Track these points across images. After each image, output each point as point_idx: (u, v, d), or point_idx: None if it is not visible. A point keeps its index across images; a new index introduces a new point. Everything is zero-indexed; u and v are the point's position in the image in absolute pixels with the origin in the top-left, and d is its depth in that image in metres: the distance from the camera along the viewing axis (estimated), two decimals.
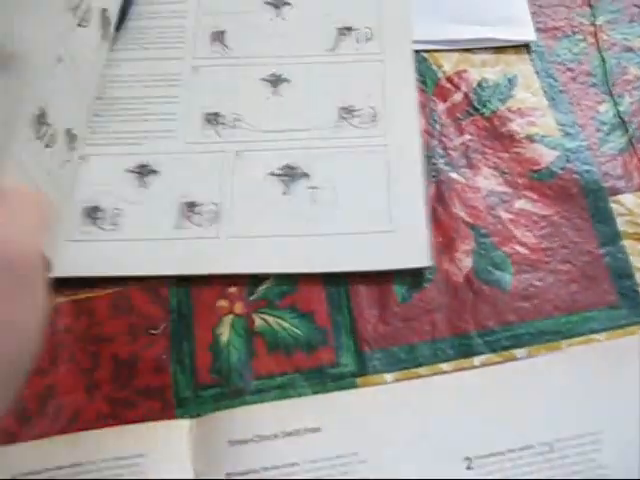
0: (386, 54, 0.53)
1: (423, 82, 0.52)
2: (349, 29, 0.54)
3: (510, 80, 0.52)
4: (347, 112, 0.51)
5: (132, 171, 0.50)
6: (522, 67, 0.52)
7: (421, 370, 0.42)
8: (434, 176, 0.48)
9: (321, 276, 0.45)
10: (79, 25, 0.46)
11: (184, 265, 0.46)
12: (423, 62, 0.53)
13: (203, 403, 0.42)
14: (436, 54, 0.53)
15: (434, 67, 0.53)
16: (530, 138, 0.49)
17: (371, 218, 0.47)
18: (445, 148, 0.49)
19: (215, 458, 0.39)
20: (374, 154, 0.49)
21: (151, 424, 0.41)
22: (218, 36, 0.55)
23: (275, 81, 0.53)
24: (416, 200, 0.47)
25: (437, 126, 0.50)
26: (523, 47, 0.53)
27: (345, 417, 0.40)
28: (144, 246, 0.47)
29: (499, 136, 0.50)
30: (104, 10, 0.50)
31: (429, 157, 0.49)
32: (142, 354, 0.43)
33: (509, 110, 0.51)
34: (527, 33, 0.53)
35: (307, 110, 0.51)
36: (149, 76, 0.54)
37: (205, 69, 0.54)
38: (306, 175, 0.49)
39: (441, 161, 0.49)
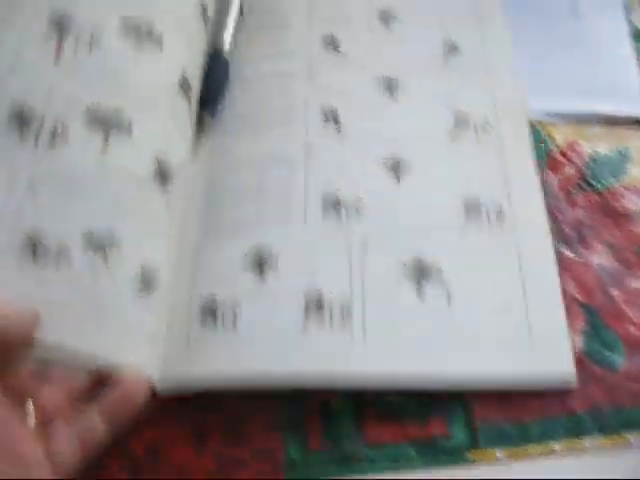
0: (505, 146, 0.51)
1: (534, 153, 0.52)
2: (466, 116, 0.52)
3: (623, 155, 0.52)
4: (473, 207, 0.48)
5: (249, 262, 0.46)
6: (635, 142, 0.52)
7: (531, 447, 0.42)
8: None
9: None
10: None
11: (314, 372, 0.42)
12: (534, 132, 0.53)
13: (313, 467, 0.42)
14: (548, 125, 0.53)
15: (546, 138, 0.53)
16: None
17: (507, 323, 0.45)
18: (557, 222, 0.49)
19: None
20: (504, 254, 0.47)
21: None
22: (331, 114, 0.53)
23: (396, 167, 0.50)
24: (554, 303, 0.45)
25: (549, 199, 0.50)
26: (635, 121, 0.53)
27: None
28: (268, 349, 0.43)
29: (612, 212, 0.49)
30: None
31: None
32: (252, 413, 0.44)
33: (623, 186, 0.50)
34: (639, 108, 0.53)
35: (433, 202, 0.49)
36: (260, 158, 0.51)
37: (320, 150, 0.51)
38: (438, 273, 0.46)
39: (553, 236, 0.48)
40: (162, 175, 0.46)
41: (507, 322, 0.45)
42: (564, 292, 0.46)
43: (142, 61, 0.47)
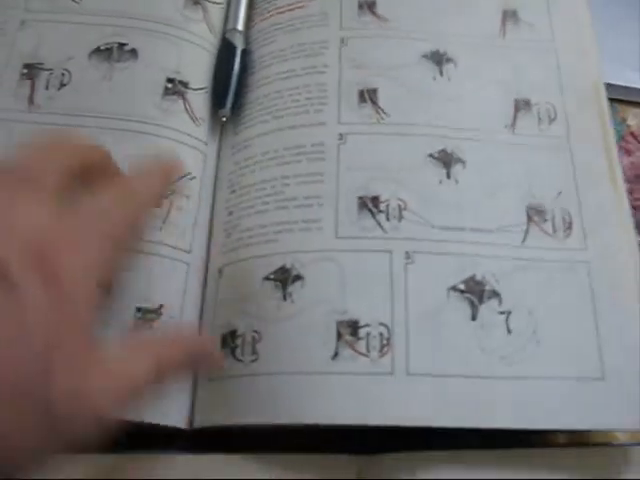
0: (573, 140, 0.43)
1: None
2: (527, 103, 0.44)
3: None
4: (536, 213, 0.41)
5: (270, 278, 0.38)
6: None
7: None
8: None
9: None
10: None
11: (347, 411, 0.35)
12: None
13: None
14: (622, 106, 0.49)
15: (618, 118, 0.48)
16: None
17: (576, 359, 0.37)
18: (630, 207, 0.42)
19: None
20: (574, 272, 0.39)
21: None
22: (368, 95, 0.44)
23: (447, 161, 0.42)
24: (632, 338, 0.38)
25: None
26: None
27: None
28: (292, 383, 0.36)
29: None
30: None
31: None
32: None
33: None
34: None
35: (490, 204, 0.41)
36: (285, 150, 0.42)
37: (355, 138, 0.42)
38: (496, 295, 0.38)
39: None
40: None
41: (576, 356, 0.37)
42: None
43: None
